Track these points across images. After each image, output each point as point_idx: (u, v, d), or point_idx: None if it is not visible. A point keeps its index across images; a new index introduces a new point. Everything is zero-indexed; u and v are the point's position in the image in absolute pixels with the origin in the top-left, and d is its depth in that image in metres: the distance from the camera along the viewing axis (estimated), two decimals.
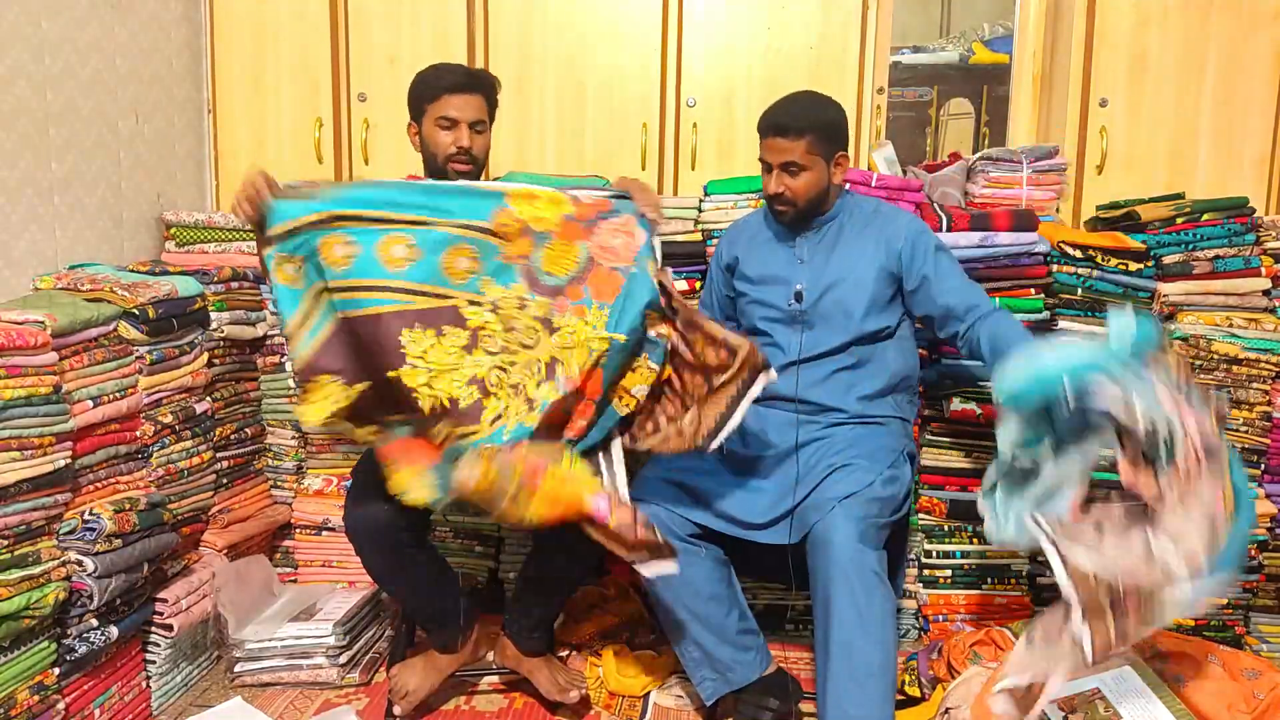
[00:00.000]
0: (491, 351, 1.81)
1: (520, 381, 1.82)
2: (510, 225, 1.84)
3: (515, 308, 1.83)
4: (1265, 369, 2.37)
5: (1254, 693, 1.97)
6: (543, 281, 1.85)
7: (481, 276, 1.82)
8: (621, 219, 1.87)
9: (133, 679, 2.11)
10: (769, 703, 2.05)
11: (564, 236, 1.85)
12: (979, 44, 3.88)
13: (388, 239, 1.79)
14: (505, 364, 1.81)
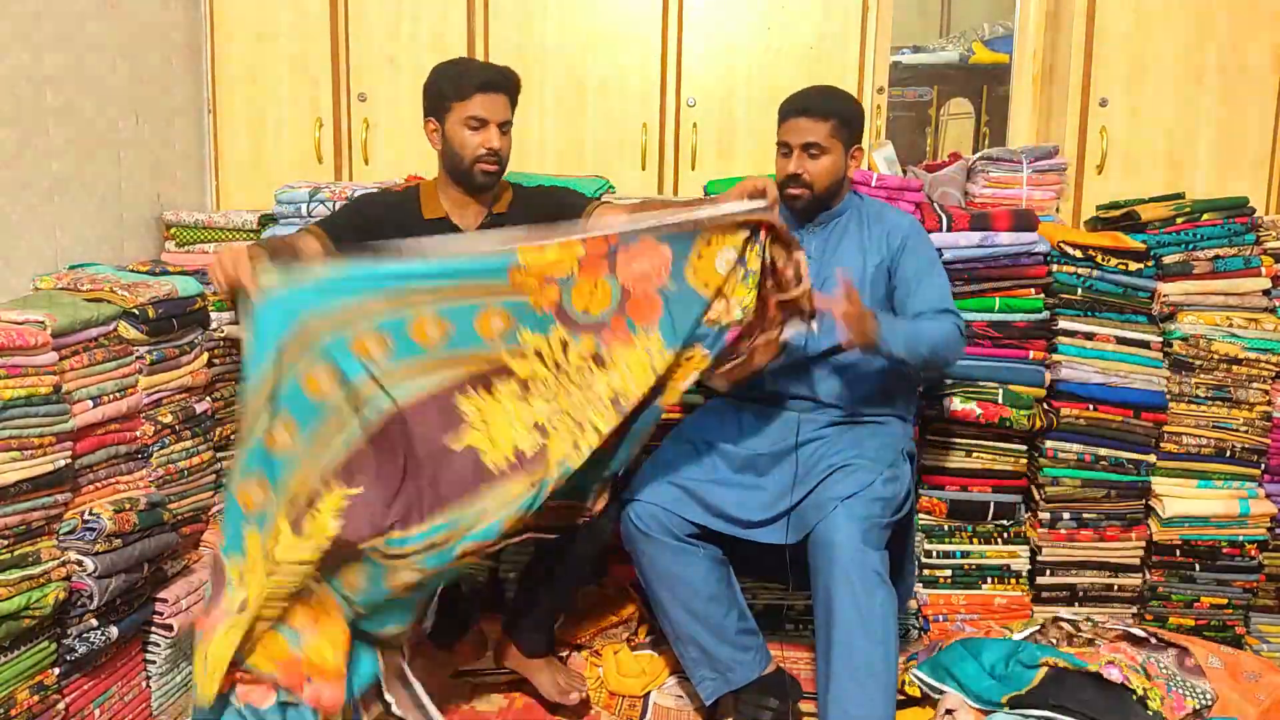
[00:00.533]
0: (546, 399, 1.79)
1: (584, 420, 1.79)
2: (529, 280, 1.80)
3: (560, 351, 1.80)
4: (1265, 369, 2.37)
5: (1255, 694, 1.97)
6: (581, 321, 1.82)
7: (519, 329, 1.79)
8: (638, 244, 1.83)
9: (133, 679, 2.11)
10: (768, 702, 2.05)
11: (587, 274, 1.83)
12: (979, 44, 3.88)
13: (418, 321, 1.74)
14: (564, 407, 1.79)
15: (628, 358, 1.82)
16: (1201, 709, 1.92)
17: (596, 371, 1.81)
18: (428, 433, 1.74)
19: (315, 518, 1.70)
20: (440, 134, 2.10)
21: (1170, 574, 2.44)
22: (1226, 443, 2.40)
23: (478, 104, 2.04)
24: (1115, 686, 1.87)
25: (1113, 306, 2.43)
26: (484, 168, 2.07)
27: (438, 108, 2.10)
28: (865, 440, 2.06)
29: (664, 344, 1.82)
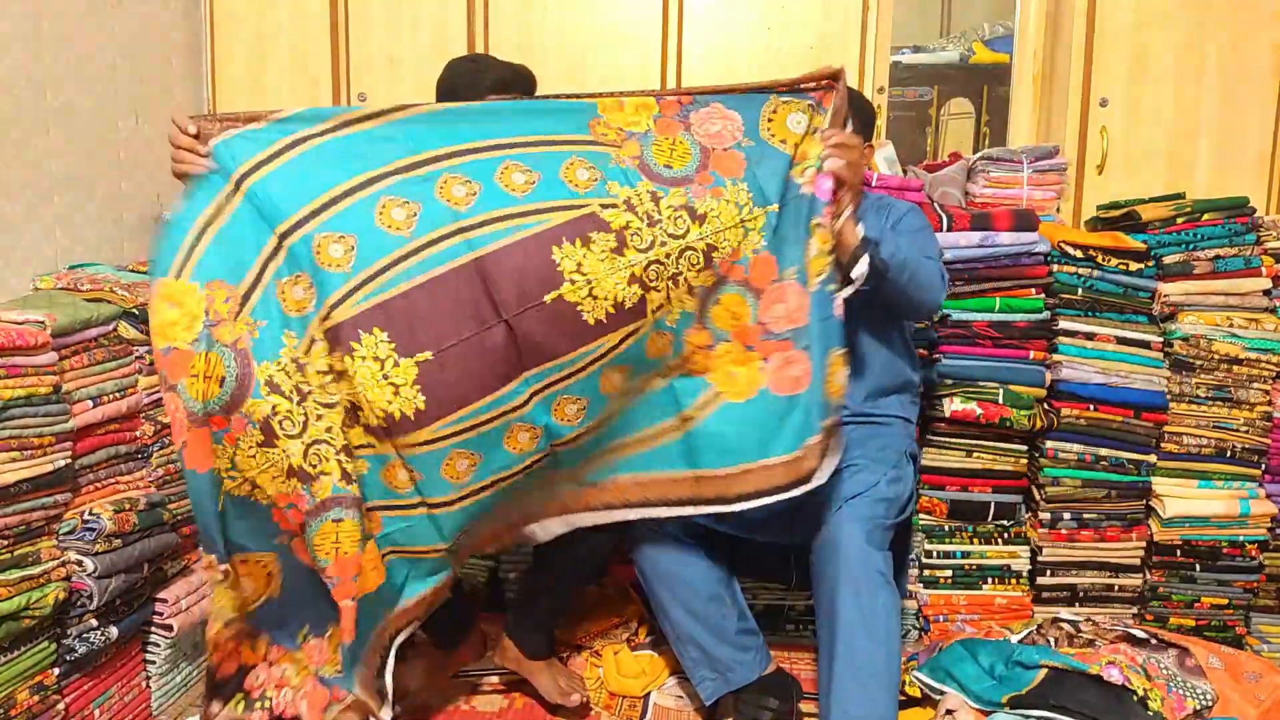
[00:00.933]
0: (641, 249, 1.72)
1: (679, 272, 1.75)
2: (609, 133, 1.77)
3: (651, 202, 1.74)
4: (1266, 369, 2.37)
5: (1256, 695, 1.97)
6: (665, 175, 1.77)
7: (606, 181, 1.72)
8: (708, 108, 1.80)
9: (132, 679, 2.11)
10: (769, 702, 2.05)
11: (663, 131, 1.79)
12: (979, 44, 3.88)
13: (504, 168, 1.68)
14: (660, 257, 1.73)
15: (720, 209, 1.77)
16: (1202, 709, 1.92)
17: (691, 223, 1.75)
18: (516, 285, 1.64)
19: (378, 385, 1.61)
20: None
21: (1171, 574, 2.44)
22: (1227, 443, 2.39)
23: None
24: (1116, 687, 1.87)
25: (1113, 306, 2.43)
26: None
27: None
28: (868, 441, 2.06)
29: (751, 199, 1.78)
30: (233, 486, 1.67)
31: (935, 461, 2.47)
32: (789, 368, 1.80)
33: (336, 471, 1.65)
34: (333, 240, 1.61)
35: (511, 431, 1.72)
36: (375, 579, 1.75)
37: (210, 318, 1.59)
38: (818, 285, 1.79)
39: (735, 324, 1.81)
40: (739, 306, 1.80)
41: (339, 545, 1.67)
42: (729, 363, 1.81)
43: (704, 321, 1.80)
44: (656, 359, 1.80)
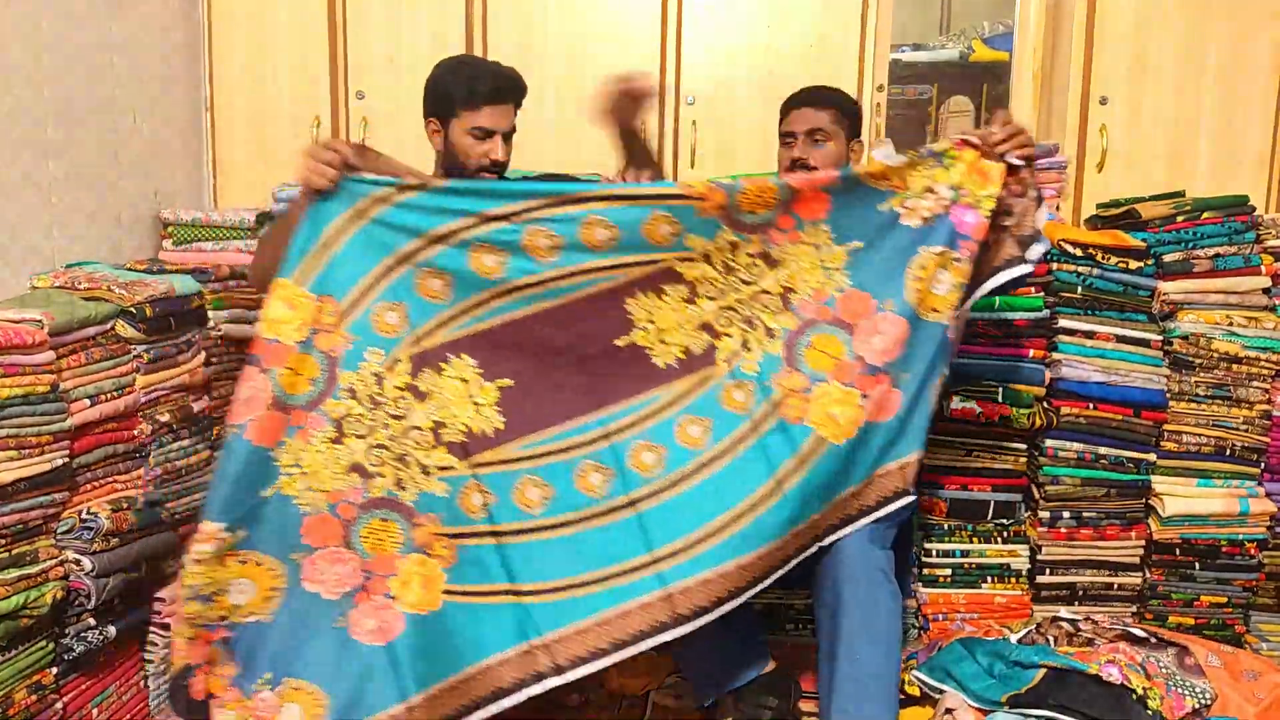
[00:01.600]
0: (712, 297, 1.80)
1: (755, 315, 1.80)
2: (698, 185, 1.80)
3: (728, 251, 1.81)
4: (1265, 367, 2.36)
5: (1255, 693, 1.97)
6: (748, 222, 1.81)
7: (685, 234, 1.79)
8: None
9: (131, 678, 2.10)
10: (768, 702, 2.05)
11: (753, 179, 1.83)
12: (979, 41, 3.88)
13: (587, 223, 1.77)
14: (733, 303, 1.80)
15: (796, 253, 1.82)
16: (1201, 708, 1.92)
17: (766, 269, 1.81)
18: (591, 330, 1.79)
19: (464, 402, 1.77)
20: (442, 136, 2.09)
21: (1170, 573, 2.44)
22: (1226, 441, 2.39)
23: (486, 115, 2.03)
24: (1115, 686, 1.87)
25: (1113, 305, 2.43)
26: (486, 176, 2.07)
27: (443, 110, 2.08)
28: None
29: (832, 238, 1.81)
30: (287, 483, 1.74)
31: (934, 460, 2.47)
32: (886, 399, 1.81)
33: (391, 476, 1.77)
34: (432, 275, 1.79)
35: (583, 470, 1.80)
36: (425, 599, 1.75)
37: (315, 326, 1.74)
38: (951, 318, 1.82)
39: (832, 363, 1.81)
40: (832, 345, 1.82)
41: (381, 542, 1.76)
42: (829, 404, 1.80)
43: (795, 365, 1.82)
44: (737, 414, 1.80)
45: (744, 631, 2.06)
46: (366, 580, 1.75)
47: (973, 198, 1.82)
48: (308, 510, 1.74)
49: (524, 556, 1.77)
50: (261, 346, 1.72)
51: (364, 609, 1.74)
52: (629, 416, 1.80)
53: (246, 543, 1.72)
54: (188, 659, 1.69)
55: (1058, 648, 2.11)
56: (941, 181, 1.82)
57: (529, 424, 1.78)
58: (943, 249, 1.81)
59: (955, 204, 1.81)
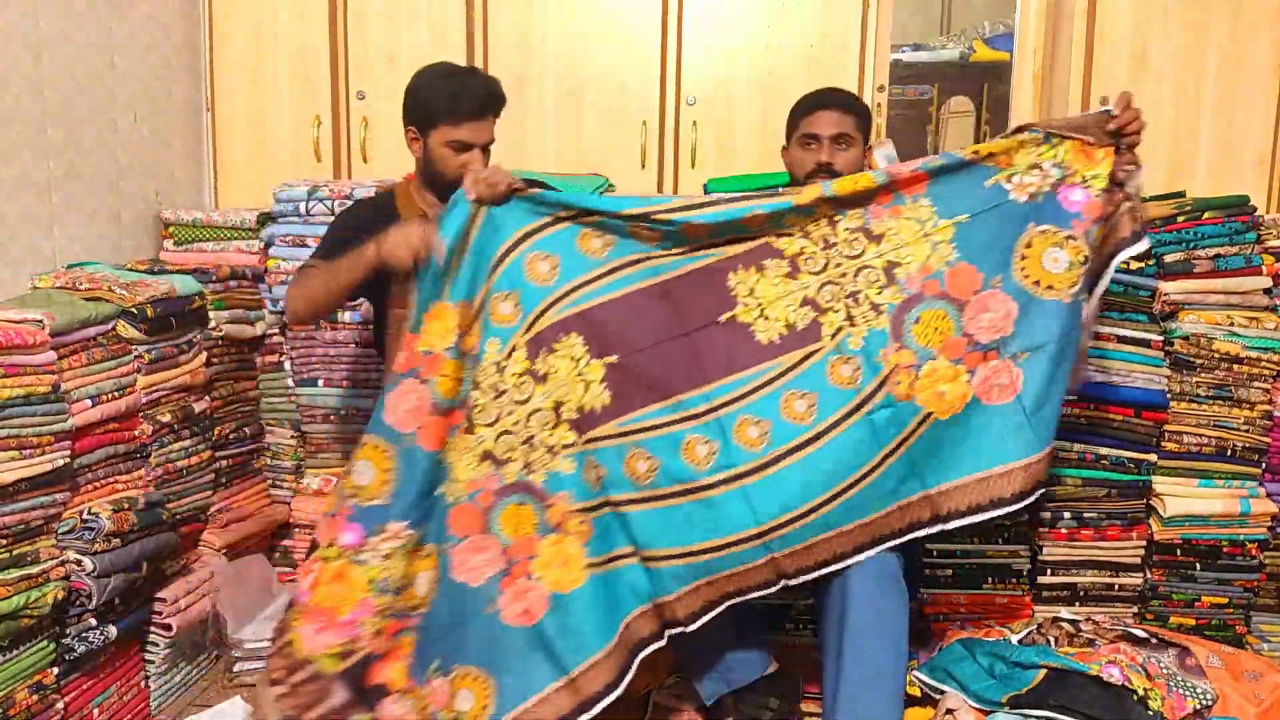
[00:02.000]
0: (815, 271, 1.80)
1: (858, 290, 1.79)
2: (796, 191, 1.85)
3: (827, 226, 1.81)
4: (1266, 367, 2.36)
5: (1256, 694, 1.97)
6: (846, 200, 1.83)
7: (782, 219, 1.82)
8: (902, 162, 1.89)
9: (131, 679, 2.10)
10: (769, 703, 2.05)
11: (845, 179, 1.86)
12: (979, 42, 3.88)
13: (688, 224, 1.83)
14: (835, 278, 1.79)
15: (899, 227, 1.81)
16: (1202, 709, 1.92)
17: (867, 243, 1.80)
18: (694, 305, 1.81)
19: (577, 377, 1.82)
20: (421, 145, 2.10)
21: (1171, 573, 2.43)
22: (1227, 442, 2.39)
23: (466, 130, 2.04)
24: (1116, 686, 1.87)
25: (1114, 305, 2.42)
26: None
27: (422, 120, 2.08)
28: None
29: (935, 211, 1.80)
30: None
31: None
32: (996, 376, 1.78)
33: (521, 460, 1.82)
34: (540, 258, 1.86)
35: (688, 443, 1.80)
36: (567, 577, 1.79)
37: (458, 331, 1.84)
38: (1070, 296, 1.79)
39: (940, 339, 1.80)
40: (941, 321, 1.80)
41: (519, 526, 1.81)
42: (937, 381, 1.79)
43: (904, 340, 1.80)
44: (845, 389, 1.79)
45: (746, 632, 2.05)
46: (510, 565, 1.80)
47: (1079, 176, 1.80)
48: (451, 502, 1.82)
49: (641, 524, 1.81)
50: (417, 359, 1.83)
51: (509, 594, 1.79)
52: (733, 391, 1.80)
53: (426, 537, 1.82)
54: (370, 649, 1.77)
55: (1058, 648, 2.10)
56: (1047, 159, 1.81)
57: (634, 399, 1.81)
58: (1052, 227, 1.80)
59: (1062, 182, 1.80)
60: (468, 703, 1.75)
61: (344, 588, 1.80)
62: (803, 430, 1.79)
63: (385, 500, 1.82)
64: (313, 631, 1.79)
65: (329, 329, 2.60)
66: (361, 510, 1.82)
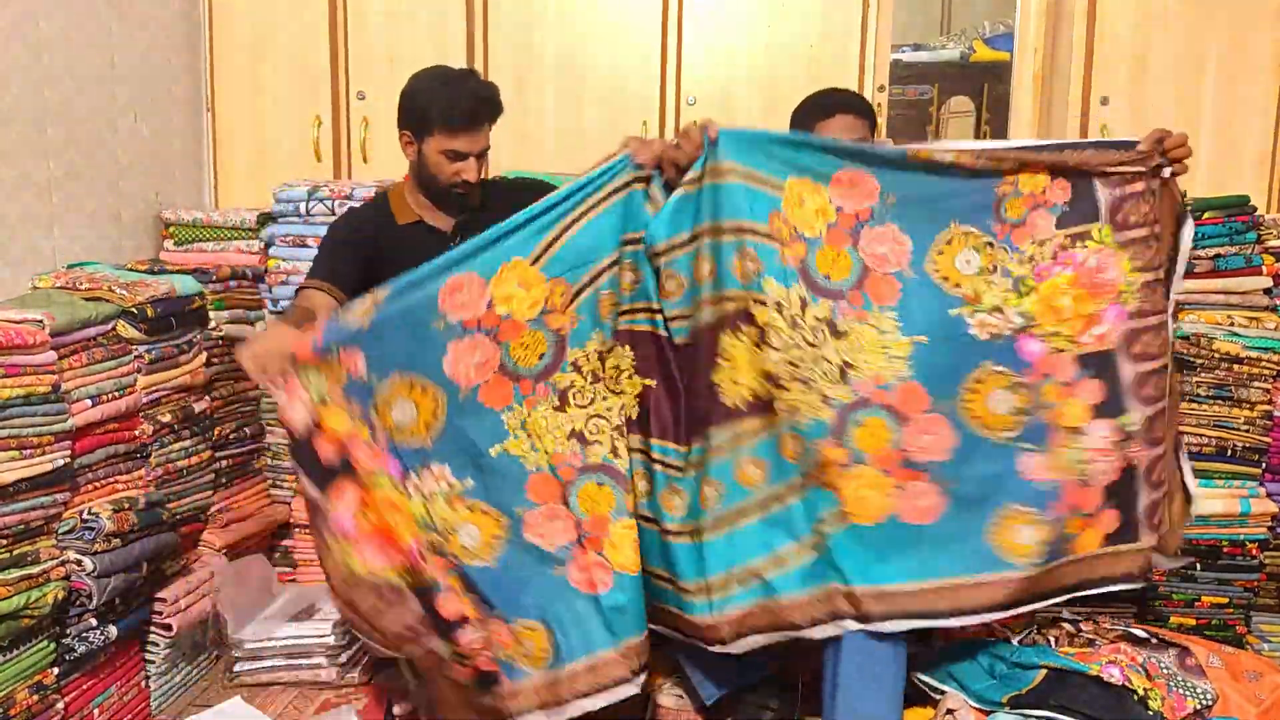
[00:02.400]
0: (776, 347, 1.82)
1: (810, 377, 1.81)
2: (783, 229, 1.83)
3: (798, 307, 1.83)
4: (1266, 367, 2.36)
5: (1256, 694, 1.97)
6: (822, 285, 1.85)
7: (764, 276, 1.82)
8: (883, 228, 1.84)
9: (132, 678, 2.10)
10: (769, 703, 2.05)
11: (831, 242, 1.85)
12: (979, 42, 3.88)
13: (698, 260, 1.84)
14: (794, 359, 1.81)
15: (861, 332, 1.83)
16: (1202, 709, 1.92)
17: (829, 337, 1.83)
18: (691, 363, 1.87)
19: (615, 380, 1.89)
20: (415, 150, 2.10)
21: (1171, 573, 2.43)
22: (1228, 442, 2.39)
23: (461, 140, 2.04)
24: (1116, 687, 1.87)
25: None
26: (460, 193, 2.08)
27: (418, 126, 2.08)
28: None
29: (898, 326, 1.82)
30: (513, 445, 1.86)
31: None
32: (919, 499, 1.82)
33: (608, 444, 1.88)
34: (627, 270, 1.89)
35: (669, 488, 1.88)
36: (636, 561, 1.86)
37: (546, 306, 1.86)
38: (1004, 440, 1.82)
39: (877, 448, 1.82)
40: (882, 430, 1.82)
41: (596, 505, 1.86)
42: (862, 485, 1.82)
43: (842, 439, 1.82)
44: (792, 464, 1.83)
45: None
46: (581, 538, 1.86)
47: (1040, 329, 1.82)
48: (531, 469, 1.86)
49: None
50: (494, 319, 1.85)
51: (580, 562, 1.85)
52: (700, 453, 1.86)
53: (472, 492, 1.84)
54: (434, 575, 1.79)
55: (1059, 649, 2.10)
56: (1012, 306, 1.83)
57: (646, 426, 1.89)
58: (1005, 370, 1.82)
59: (1023, 331, 1.82)
60: (530, 652, 1.85)
61: (400, 517, 1.80)
62: (751, 494, 1.85)
63: (426, 443, 1.83)
64: (374, 550, 1.80)
65: None
66: (398, 447, 1.83)
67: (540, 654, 1.84)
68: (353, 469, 1.79)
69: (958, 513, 1.82)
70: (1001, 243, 1.83)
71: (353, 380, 1.80)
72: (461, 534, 1.83)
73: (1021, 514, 1.82)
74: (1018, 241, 1.83)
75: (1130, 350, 1.82)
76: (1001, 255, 1.84)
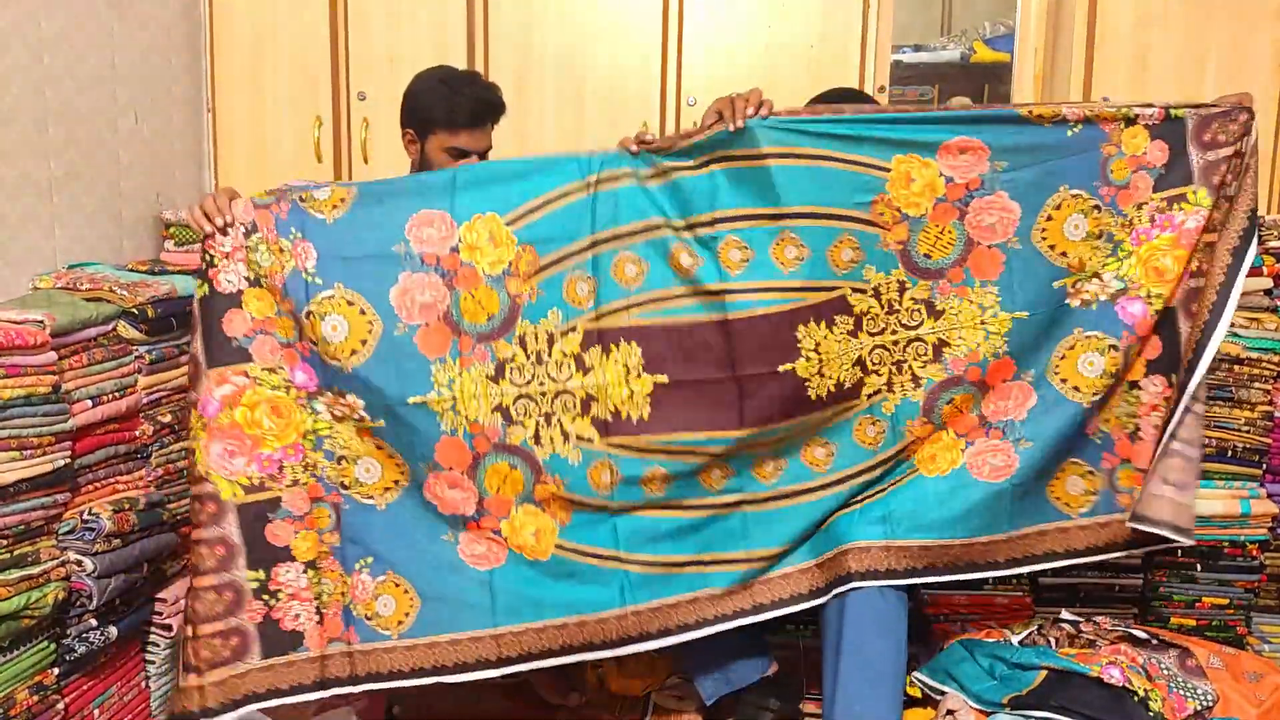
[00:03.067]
0: (873, 333, 1.84)
1: (904, 359, 1.84)
2: (887, 214, 1.83)
3: (896, 291, 1.84)
4: (1267, 368, 2.36)
5: (1256, 695, 1.97)
6: (921, 265, 1.86)
7: (865, 265, 1.83)
8: (993, 196, 1.84)
9: (132, 679, 2.10)
10: (769, 703, 2.05)
11: (937, 219, 1.84)
12: (980, 42, 3.87)
13: (780, 240, 1.82)
14: (888, 343, 1.84)
15: (960, 308, 1.84)
16: (1203, 710, 1.92)
17: (926, 317, 1.85)
18: (756, 349, 1.82)
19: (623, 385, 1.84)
20: (418, 149, 2.11)
21: (1171, 574, 2.43)
22: (1228, 442, 2.39)
23: (464, 139, 2.06)
24: (1116, 687, 1.87)
25: None
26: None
27: (421, 125, 2.11)
28: None
29: (999, 302, 1.83)
30: (435, 401, 1.81)
31: None
32: (992, 455, 1.84)
33: (531, 429, 1.84)
34: (630, 261, 1.85)
35: (709, 469, 1.86)
36: (533, 547, 1.85)
37: (509, 269, 1.82)
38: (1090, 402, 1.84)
39: (959, 418, 1.86)
40: (966, 403, 1.86)
41: (502, 487, 1.84)
42: (935, 446, 1.87)
43: (930, 416, 1.87)
44: (864, 448, 1.86)
45: (746, 632, 2.06)
46: (480, 515, 1.83)
47: (1143, 290, 1.84)
48: (446, 430, 1.81)
49: (632, 529, 1.86)
50: (454, 263, 1.80)
51: (473, 535, 1.83)
52: (768, 438, 1.85)
53: (380, 432, 1.80)
54: (283, 498, 1.76)
55: (1059, 649, 2.10)
56: (1110, 270, 1.85)
57: (671, 422, 1.84)
58: (1099, 334, 1.84)
59: (1123, 293, 1.84)
60: (388, 609, 1.81)
61: (278, 423, 1.77)
62: (817, 475, 1.87)
63: (347, 367, 1.78)
64: (221, 451, 1.76)
65: None
66: (319, 360, 1.79)
67: (397, 620, 1.81)
68: (248, 356, 1.76)
69: (1027, 469, 1.85)
70: (1108, 206, 1.83)
71: (296, 273, 1.75)
72: (359, 466, 1.80)
73: (1076, 466, 1.87)
74: (1122, 205, 1.83)
75: (1189, 308, 1.84)
76: (1107, 219, 1.84)
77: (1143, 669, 1.94)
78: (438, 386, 1.80)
